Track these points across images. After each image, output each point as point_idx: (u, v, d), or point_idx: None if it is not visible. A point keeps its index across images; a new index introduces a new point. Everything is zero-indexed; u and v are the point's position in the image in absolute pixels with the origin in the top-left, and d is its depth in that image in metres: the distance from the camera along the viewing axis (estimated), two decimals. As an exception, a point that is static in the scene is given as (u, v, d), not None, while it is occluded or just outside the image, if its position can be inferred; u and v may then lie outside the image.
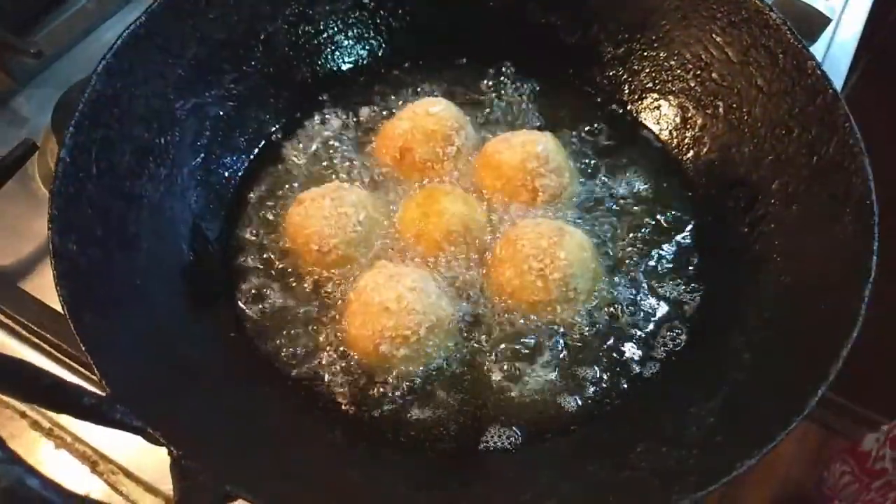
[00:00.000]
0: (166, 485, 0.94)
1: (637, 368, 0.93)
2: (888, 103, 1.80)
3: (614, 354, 0.94)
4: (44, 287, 1.08)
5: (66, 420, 1.00)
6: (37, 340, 1.05)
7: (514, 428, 0.89)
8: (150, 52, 0.96)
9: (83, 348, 0.71)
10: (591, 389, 0.91)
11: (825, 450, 2.34)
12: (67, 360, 1.02)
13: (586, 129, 1.13)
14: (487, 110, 1.15)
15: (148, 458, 0.96)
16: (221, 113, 1.07)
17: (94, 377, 0.95)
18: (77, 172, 0.85)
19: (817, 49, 1.32)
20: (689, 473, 0.70)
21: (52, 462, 0.99)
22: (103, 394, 0.68)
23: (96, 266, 0.82)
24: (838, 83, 1.30)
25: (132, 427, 0.67)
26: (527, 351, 0.93)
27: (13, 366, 0.60)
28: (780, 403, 0.73)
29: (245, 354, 0.92)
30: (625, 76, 1.14)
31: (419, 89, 1.17)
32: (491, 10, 1.16)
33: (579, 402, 0.90)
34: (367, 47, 1.18)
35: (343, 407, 0.90)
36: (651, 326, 0.96)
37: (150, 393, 0.73)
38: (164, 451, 0.68)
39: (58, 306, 1.00)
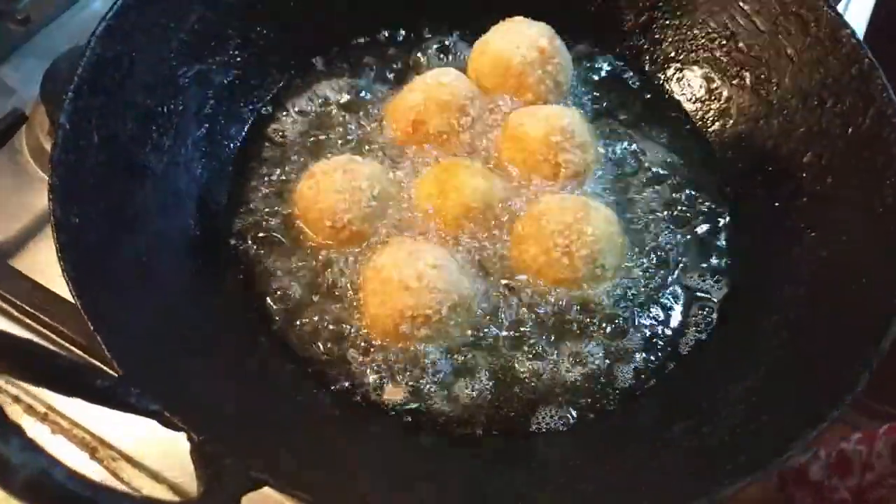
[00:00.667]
0: (170, 471, 0.91)
1: (671, 347, 0.90)
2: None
3: (646, 332, 0.90)
4: (35, 265, 1.03)
5: (61, 405, 0.95)
6: (28, 320, 1.00)
7: (548, 411, 0.85)
8: (151, 16, 0.91)
9: (91, 327, 0.66)
10: (624, 369, 0.88)
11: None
12: (61, 341, 0.97)
13: (609, 100, 1.08)
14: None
15: (150, 444, 0.92)
16: (226, 81, 1.02)
17: (90, 360, 0.92)
18: (77, 140, 0.80)
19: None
20: (737, 453, 0.67)
21: (49, 448, 0.93)
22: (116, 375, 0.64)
23: (100, 241, 0.77)
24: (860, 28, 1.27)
25: (148, 411, 0.62)
26: (553, 331, 0.90)
27: (24, 346, 0.55)
28: (827, 381, 0.70)
29: (258, 333, 0.88)
30: (646, 45, 1.11)
31: (440, 57, 1.13)
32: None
33: (613, 383, 0.87)
34: (381, 13, 1.12)
35: (361, 388, 0.86)
36: (682, 303, 0.93)
37: (162, 374, 0.69)
38: (167, 436, 0.64)
39: (50, 285, 0.98)
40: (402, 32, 1.13)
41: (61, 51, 1.15)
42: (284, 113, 1.07)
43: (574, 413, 0.85)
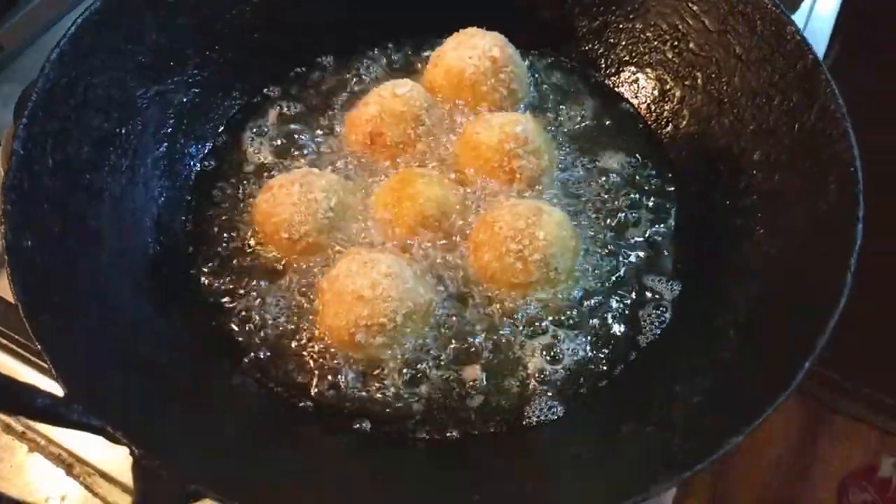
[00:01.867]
0: (144, 486, 0.93)
1: (622, 348, 0.90)
2: (870, 72, 1.77)
3: (598, 334, 0.91)
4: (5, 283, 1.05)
5: (38, 423, 0.97)
6: (3, 340, 1.01)
7: (496, 416, 0.86)
8: (107, 38, 0.93)
9: (39, 348, 0.68)
10: (575, 371, 0.88)
11: (819, 427, 2.32)
12: (37, 361, 0.99)
13: (564, 106, 1.09)
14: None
15: (124, 460, 0.92)
16: (185, 100, 1.04)
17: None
18: (32, 165, 0.81)
19: (796, 20, 1.29)
20: (675, 454, 0.68)
21: (27, 466, 0.96)
22: (59, 394, 0.65)
23: (55, 263, 0.79)
24: (821, 49, 1.28)
25: (90, 427, 0.64)
26: (506, 334, 0.91)
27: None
28: (767, 379, 0.70)
29: (213, 349, 0.89)
30: (601, 50, 1.12)
31: (393, 67, 1.14)
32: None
33: (562, 384, 0.88)
34: (339, 29, 1.14)
35: (318, 400, 0.87)
36: (634, 305, 0.93)
37: (111, 392, 0.70)
38: (136, 452, 0.65)
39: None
40: (360, 45, 1.15)
41: (34, 78, 1.17)
42: (245, 130, 1.08)
43: (506, 419, 0.86)
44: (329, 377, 0.88)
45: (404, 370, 0.88)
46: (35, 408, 0.61)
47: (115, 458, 0.94)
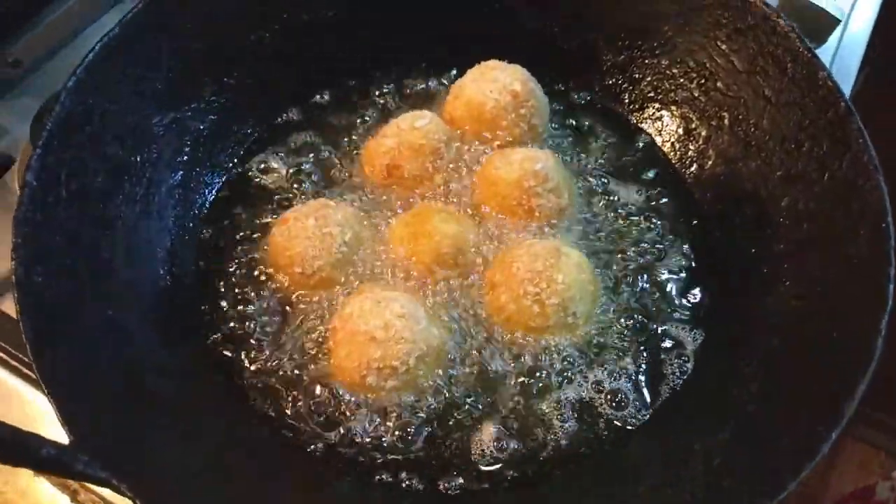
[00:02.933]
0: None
1: (640, 399, 0.88)
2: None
3: (615, 384, 0.89)
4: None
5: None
6: (14, 363, 1.01)
7: (500, 466, 0.84)
8: (124, 66, 0.92)
9: (45, 391, 0.67)
10: (591, 422, 0.86)
11: (840, 457, 2.28)
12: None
13: (585, 141, 1.07)
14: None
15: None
16: (201, 127, 1.02)
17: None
18: (45, 197, 0.80)
19: (826, 49, 1.27)
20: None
21: (32, 491, 0.95)
22: (65, 443, 0.64)
23: (64, 297, 0.77)
24: (848, 84, 1.25)
25: (96, 478, 0.62)
26: (521, 380, 0.89)
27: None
28: (791, 447, 0.68)
29: (224, 390, 0.88)
30: (625, 85, 1.09)
31: (411, 97, 1.13)
32: (485, 16, 1.10)
33: (576, 437, 0.86)
34: (359, 58, 1.12)
35: (327, 443, 0.85)
36: (654, 354, 0.91)
37: (118, 438, 0.69)
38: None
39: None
40: (379, 76, 1.13)
41: (53, 91, 1.17)
42: (262, 158, 1.07)
43: (511, 470, 0.84)
44: (339, 420, 0.86)
45: (416, 414, 0.86)
46: (40, 459, 0.60)
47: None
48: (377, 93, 1.13)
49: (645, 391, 0.89)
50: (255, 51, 1.05)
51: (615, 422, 0.87)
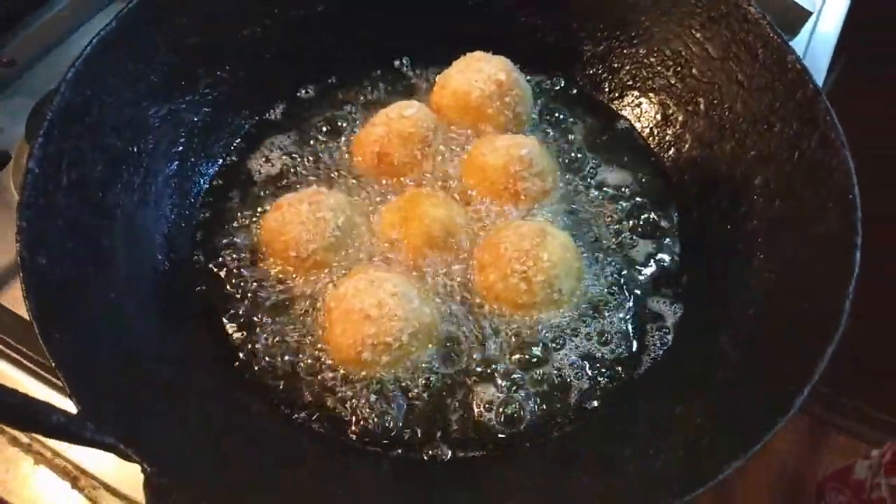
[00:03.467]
0: (147, 499, 0.94)
1: (624, 370, 0.92)
2: (870, 94, 1.79)
3: (600, 355, 0.92)
4: (19, 299, 1.05)
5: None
6: (13, 354, 1.03)
7: (495, 433, 0.87)
8: (121, 59, 0.94)
9: (53, 365, 0.69)
10: (577, 391, 0.90)
11: (820, 440, 2.32)
12: (45, 374, 1.01)
13: (568, 128, 1.11)
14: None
15: (128, 473, 0.94)
16: (196, 118, 1.05)
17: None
18: (47, 184, 0.83)
19: (798, 42, 1.32)
20: (674, 477, 0.69)
21: (32, 478, 0.97)
22: (73, 411, 0.66)
23: (68, 280, 0.80)
24: (820, 76, 1.30)
25: (104, 444, 0.65)
26: (511, 354, 0.92)
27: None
28: (766, 403, 0.72)
29: (222, 366, 0.90)
30: (605, 74, 1.13)
31: (399, 88, 1.16)
32: (468, 10, 1.14)
33: (566, 405, 0.89)
34: (350, 49, 1.16)
35: (325, 420, 0.88)
36: (637, 326, 0.95)
37: (122, 409, 0.72)
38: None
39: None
40: (367, 66, 1.17)
41: (48, 89, 1.19)
42: (255, 148, 1.10)
43: (505, 437, 0.87)
44: (336, 397, 0.89)
45: (412, 387, 0.89)
46: (49, 425, 0.63)
47: (119, 472, 0.95)
48: (366, 85, 1.16)
49: (628, 363, 0.92)
50: (248, 45, 1.08)
51: (601, 390, 0.90)
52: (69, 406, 0.68)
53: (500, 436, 0.87)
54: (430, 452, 0.86)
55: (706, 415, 0.78)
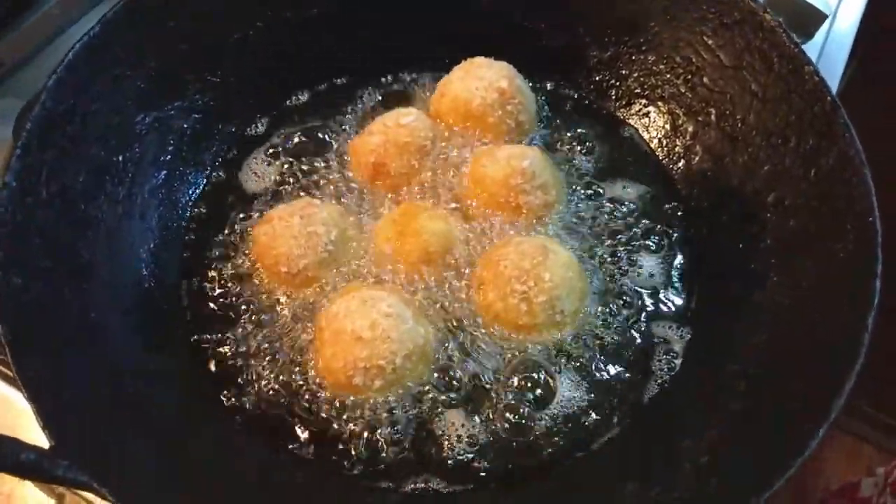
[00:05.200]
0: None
1: (629, 396, 0.88)
2: (886, 96, 1.74)
3: (602, 383, 0.88)
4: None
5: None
6: (6, 371, 1.00)
7: (488, 466, 0.83)
8: (105, 65, 0.90)
9: (24, 395, 0.66)
10: (578, 422, 0.86)
11: (824, 440, 2.29)
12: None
13: (573, 138, 1.06)
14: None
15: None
16: (185, 126, 1.01)
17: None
18: (24, 198, 0.79)
19: (814, 44, 1.26)
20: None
21: (18, 495, 0.94)
22: (45, 447, 0.63)
23: (44, 301, 0.76)
24: (835, 80, 1.24)
25: (76, 482, 0.62)
26: (509, 379, 0.88)
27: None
28: (779, 444, 0.68)
29: (207, 392, 0.87)
30: (612, 81, 1.09)
31: (396, 94, 1.11)
32: (472, 15, 1.09)
33: (564, 436, 0.85)
34: (344, 54, 1.11)
35: (311, 447, 0.85)
36: (642, 351, 0.90)
37: (99, 441, 0.68)
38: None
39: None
40: (364, 74, 1.12)
41: (36, 91, 1.15)
42: (245, 157, 1.06)
43: (500, 471, 0.83)
44: (323, 424, 0.86)
45: (406, 414, 0.86)
46: (19, 464, 0.59)
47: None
48: (362, 91, 1.11)
49: (632, 390, 0.88)
50: (239, 49, 1.04)
51: (603, 419, 0.86)
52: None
53: (495, 467, 0.83)
54: (423, 485, 0.83)
55: (714, 452, 0.74)
